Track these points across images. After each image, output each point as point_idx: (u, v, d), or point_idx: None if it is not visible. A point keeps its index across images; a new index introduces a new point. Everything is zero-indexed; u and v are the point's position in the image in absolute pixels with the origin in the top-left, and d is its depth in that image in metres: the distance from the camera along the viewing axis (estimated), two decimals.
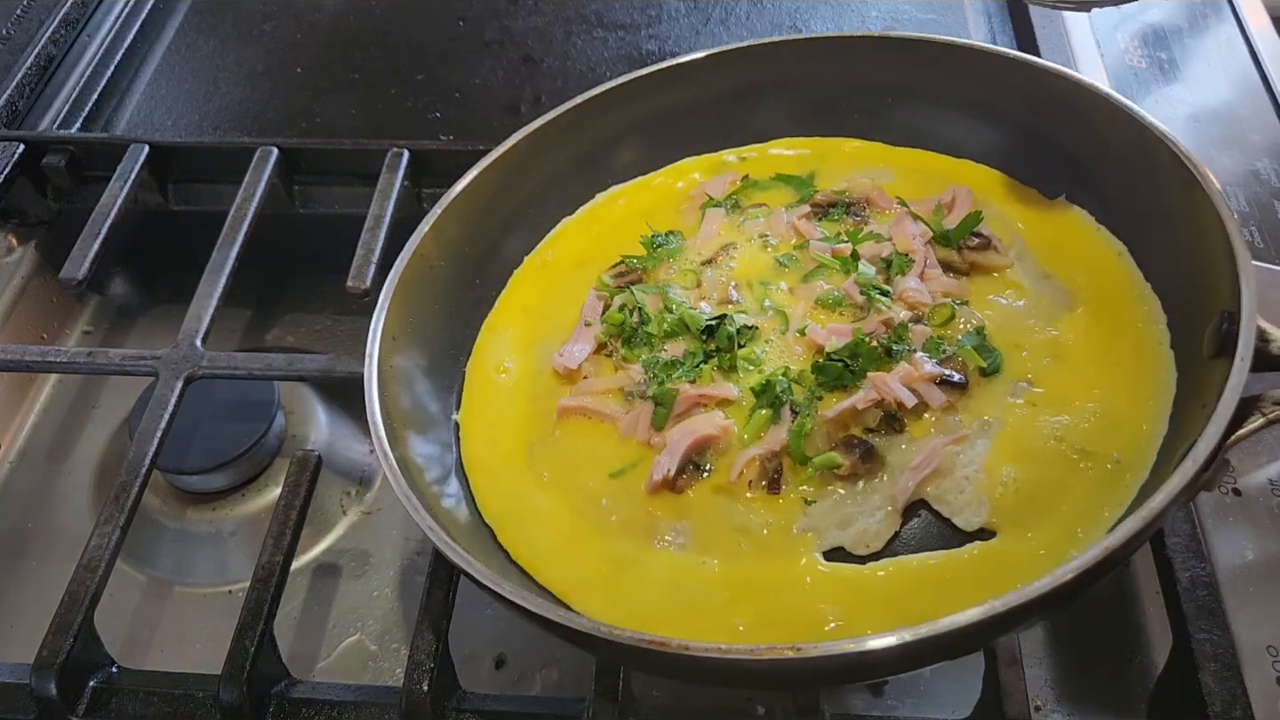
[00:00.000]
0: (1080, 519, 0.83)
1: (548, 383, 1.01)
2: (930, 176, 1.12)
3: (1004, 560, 0.82)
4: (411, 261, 0.99)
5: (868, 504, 0.87)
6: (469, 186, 1.05)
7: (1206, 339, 0.85)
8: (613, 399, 0.97)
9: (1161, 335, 0.93)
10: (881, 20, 1.56)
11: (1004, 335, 0.96)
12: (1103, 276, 0.99)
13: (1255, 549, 0.94)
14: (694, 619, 0.82)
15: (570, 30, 1.55)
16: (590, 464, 0.93)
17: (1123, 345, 0.93)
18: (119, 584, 1.06)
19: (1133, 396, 0.89)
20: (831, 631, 0.79)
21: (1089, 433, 0.88)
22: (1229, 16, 1.49)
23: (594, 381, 0.98)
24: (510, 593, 0.75)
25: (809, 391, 0.93)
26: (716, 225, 1.10)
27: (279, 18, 1.60)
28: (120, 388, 1.26)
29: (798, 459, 0.89)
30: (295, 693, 0.89)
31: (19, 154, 1.28)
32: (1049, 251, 1.02)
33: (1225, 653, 0.85)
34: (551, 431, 0.96)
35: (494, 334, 1.06)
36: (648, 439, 0.93)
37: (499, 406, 1.00)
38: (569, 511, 0.90)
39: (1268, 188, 1.25)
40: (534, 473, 0.94)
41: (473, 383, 1.02)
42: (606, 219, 1.15)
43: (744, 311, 1.00)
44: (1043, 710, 0.94)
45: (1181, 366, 0.90)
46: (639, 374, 0.97)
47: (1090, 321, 0.96)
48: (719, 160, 1.18)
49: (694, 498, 0.89)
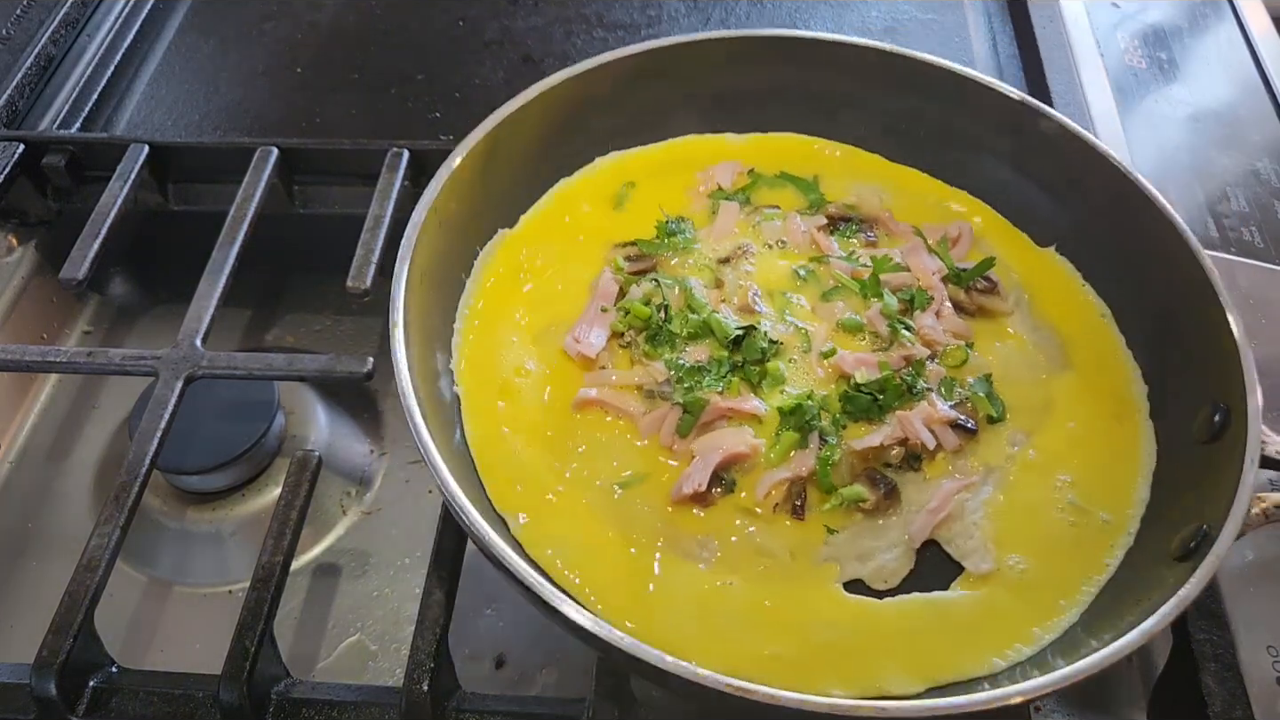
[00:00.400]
0: (1064, 588, 0.87)
1: (557, 361, 0.99)
2: (925, 201, 1.13)
3: (1004, 613, 0.86)
4: (429, 214, 0.98)
5: (885, 539, 0.90)
6: (481, 141, 1.04)
7: (1198, 424, 0.89)
8: (633, 396, 0.96)
9: (1142, 404, 0.97)
10: (882, 20, 1.56)
11: (1002, 385, 0.99)
12: (1090, 336, 1.03)
13: (1255, 549, 0.94)
14: (722, 640, 0.82)
15: (570, 30, 1.55)
16: (608, 464, 0.93)
17: (1108, 408, 0.97)
18: (119, 584, 1.06)
19: (1116, 460, 0.94)
20: (863, 670, 0.81)
21: (1079, 489, 0.92)
22: (1229, 16, 1.49)
23: (613, 374, 0.97)
24: (600, 630, 0.74)
25: (834, 419, 0.94)
26: (731, 221, 1.10)
27: (279, 18, 1.60)
28: (120, 388, 1.26)
29: (824, 488, 0.90)
30: (295, 693, 0.89)
31: (19, 154, 1.27)
32: (1042, 302, 1.05)
33: (1225, 653, 0.85)
34: (569, 423, 0.95)
35: (493, 299, 1.05)
36: (670, 444, 0.93)
37: (506, 380, 0.98)
38: (587, 511, 0.90)
39: (1268, 188, 1.25)
40: (550, 467, 0.92)
41: (475, 354, 1.00)
42: (607, 186, 1.14)
43: (767, 320, 1.00)
44: (1043, 710, 0.94)
45: (1161, 437, 0.95)
46: (661, 373, 0.96)
47: (1079, 381, 0.99)
48: (720, 141, 1.18)
49: (718, 514, 0.90)
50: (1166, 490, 0.91)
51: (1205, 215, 1.21)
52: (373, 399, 1.25)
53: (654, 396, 0.95)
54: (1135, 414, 0.97)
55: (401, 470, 1.19)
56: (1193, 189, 1.25)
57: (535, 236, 1.10)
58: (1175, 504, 0.88)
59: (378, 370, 1.01)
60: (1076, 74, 1.38)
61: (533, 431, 0.95)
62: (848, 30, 1.54)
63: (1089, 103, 1.34)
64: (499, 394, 0.97)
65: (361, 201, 1.17)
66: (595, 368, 0.98)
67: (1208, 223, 1.20)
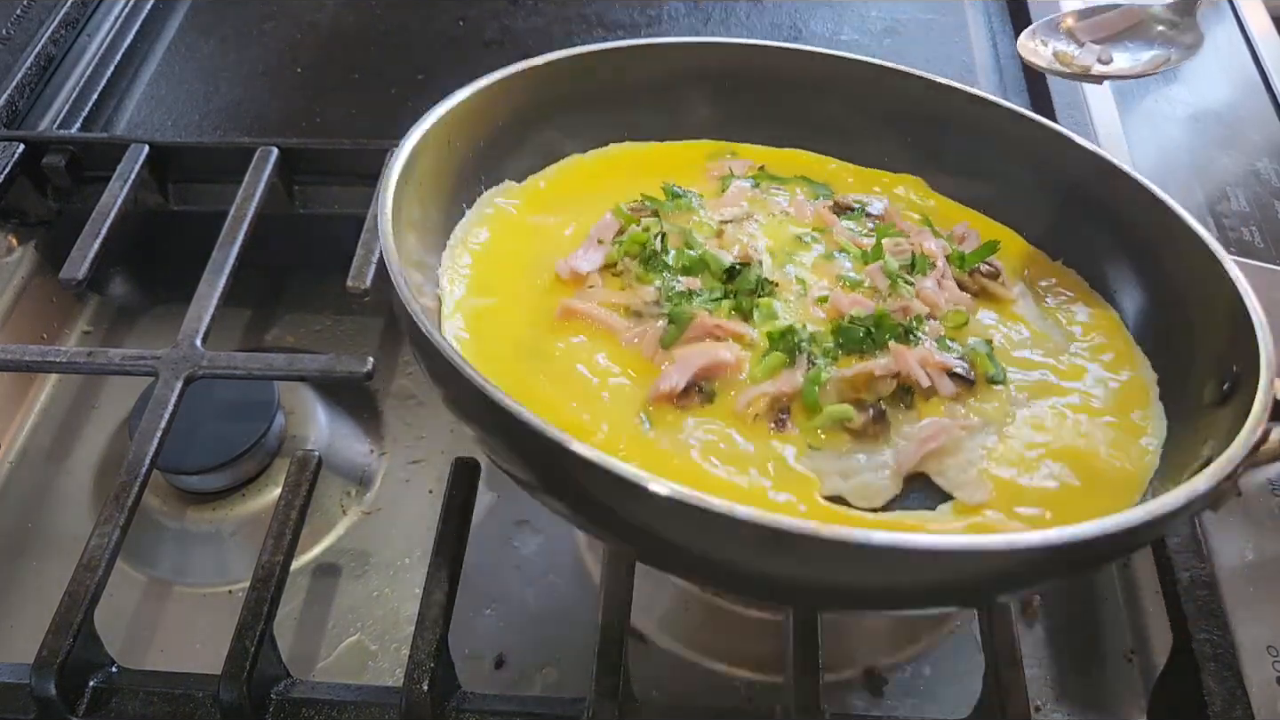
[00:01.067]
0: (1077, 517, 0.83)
1: (546, 279, 0.97)
2: (942, 218, 1.12)
3: (996, 529, 0.82)
4: (432, 129, 0.96)
5: (871, 462, 0.86)
6: (503, 80, 1.03)
7: (1208, 389, 0.87)
8: (619, 313, 0.93)
9: (1152, 384, 0.95)
10: (882, 20, 1.56)
11: (1007, 359, 0.96)
12: (1099, 325, 1.01)
13: (1255, 549, 0.94)
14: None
15: (570, 30, 1.55)
16: (590, 366, 0.89)
17: (1118, 383, 0.95)
18: (119, 584, 1.06)
19: (1128, 429, 0.91)
20: None
21: (1088, 450, 0.89)
22: (1229, 16, 1.49)
23: (602, 291, 0.95)
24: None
25: (825, 350, 0.92)
26: (740, 195, 1.09)
27: (279, 18, 1.60)
28: (120, 388, 1.26)
29: (810, 406, 0.87)
30: (295, 693, 0.89)
31: (19, 154, 1.28)
32: (1049, 296, 1.04)
33: (1225, 653, 0.85)
34: (550, 328, 0.92)
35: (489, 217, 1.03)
36: (652, 355, 0.90)
37: (488, 280, 0.96)
38: (566, 406, 0.86)
39: (1268, 188, 1.25)
40: (530, 366, 0.89)
41: (468, 268, 0.98)
42: (619, 165, 1.13)
43: (765, 268, 0.98)
44: (1043, 710, 0.94)
45: (1172, 414, 0.92)
46: (652, 294, 0.93)
47: (1088, 359, 0.97)
48: (736, 148, 1.17)
49: (695, 418, 0.87)
50: (1174, 455, 0.89)
51: (1205, 215, 1.21)
52: (373, 399, 1.25)
53: (641, 316, 0.92)
54: (1146, 389, 0.95)
55: (401, 470, 1.19)
56: (1193, 189, 1.25)
57: (543, 192, 1.08)
58: (1183, 463, 0.85)
59: (378, 370, 1.01)
60: None
61: (512, 329, 0.92)
62: (847, 30, 1.55)
63: (1089, 103, 1.34)
64: (483, 296, 0.95)
65: (361, 201, 1.17)
66: (585, 287, 0.96)
67: (1208, 222, 1.20)
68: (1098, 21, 1.20)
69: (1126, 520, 0.69)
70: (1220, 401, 0.86)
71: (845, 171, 1.16)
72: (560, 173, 1.11)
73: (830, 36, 1.53)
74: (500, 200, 1.06)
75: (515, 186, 1.08)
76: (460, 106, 1.00)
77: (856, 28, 1.55)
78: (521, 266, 1.00)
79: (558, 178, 1.11)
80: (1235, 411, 0.81)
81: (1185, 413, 0.91)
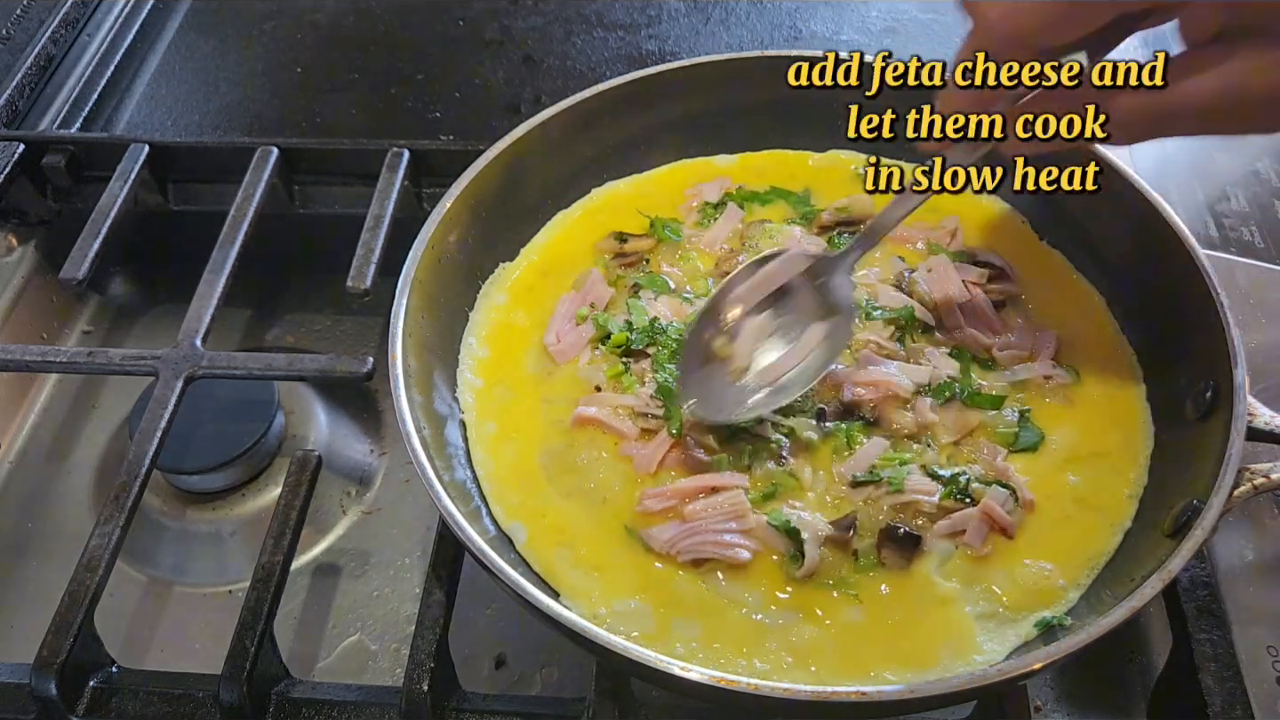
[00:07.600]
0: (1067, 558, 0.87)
1: (550, 372, 1.00)
2: (932, 208, 1.11)
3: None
4: (427, 251, 0.98)
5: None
6: (479, 175, 1.04)
7: (1190, 403, 0.90)
8: (626, 415, 0.95)
9: (1140, 390, 0.97)
10: (881, 20, 1.56)
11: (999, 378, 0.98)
12: (1088, 323, 1.02)
13: (1255, 549, 0.94)
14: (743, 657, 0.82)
15: (570, 30, 1.55)
16: (609, 481, 0.92)
17: (1107, 394, 0.97)
18: (119, 584, 1.06)
19: (1119, 444, 0.93)
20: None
21: (1084, 482, 0.91)
22: None
23: (610, 396, 0.97)
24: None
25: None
26: (729, 226, 1.10)
27: (279, 18, 1.60)
28: (120, 388, 1.26)
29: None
30: (295, 693, 0.89)
31: (19, 154, 1.28)
32: (1040, 291, 1.04)
33: (1225, 653, 0.85)
34: (568, 441, 0.95)
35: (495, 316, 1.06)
36: (647, 471, 0.92)
37: (504, 401, 0.99)
38: (591, 524, 0.89)
39: (1268, 188, 1.25)
40: (552, 483, 0.92)
41: (481, 378, 1.01)
42: (602, 211, 1.14)
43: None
44: (1043, 710, 0.94)
45: (1158, 420, 0.94)
46: (649, 393, 0.96)
47: (1080, 369, 0.98)
48: (709, 164, 1.17)
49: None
50: (1165, 468, 0.90)
51: (1205, 215, 1.21)
52: (373, 399, 1.25)
53: (645, 415, 0.95)
54: (1134, 397, 0.96)
55: (401, 470, 1.19)
56: (1193, 189, 1.25)
57: (535, 267, 1.10)
58: (1171, 483, 0.88)
59: (377, 370, 1.01)
60: None
61: (532, 447, 0.95)
62: (847, 30, 1.55)
63: None
64: (497, 420, 0.98)
65: (361, 201, 1.17)
66: (581, 365, 0.99)
67: (1208, 222, 1.20)
68: None
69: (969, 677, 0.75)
70: (1202, 416, 0.88)
71: (824, 170, 1.16)
72: (549, 235, 1.12)
73: (830, 36, 1.54)
74: (499, 297, 1.07)
75: (508, 266, 1.09)
76: (444, 220, 1.01)
77: (856, 27, 1.55)
78: (527, 365, 1.02)
79: (547, 243, 1.12)
80: (1214, 433, 0.85)
81: (1169, 420, 0.93)
